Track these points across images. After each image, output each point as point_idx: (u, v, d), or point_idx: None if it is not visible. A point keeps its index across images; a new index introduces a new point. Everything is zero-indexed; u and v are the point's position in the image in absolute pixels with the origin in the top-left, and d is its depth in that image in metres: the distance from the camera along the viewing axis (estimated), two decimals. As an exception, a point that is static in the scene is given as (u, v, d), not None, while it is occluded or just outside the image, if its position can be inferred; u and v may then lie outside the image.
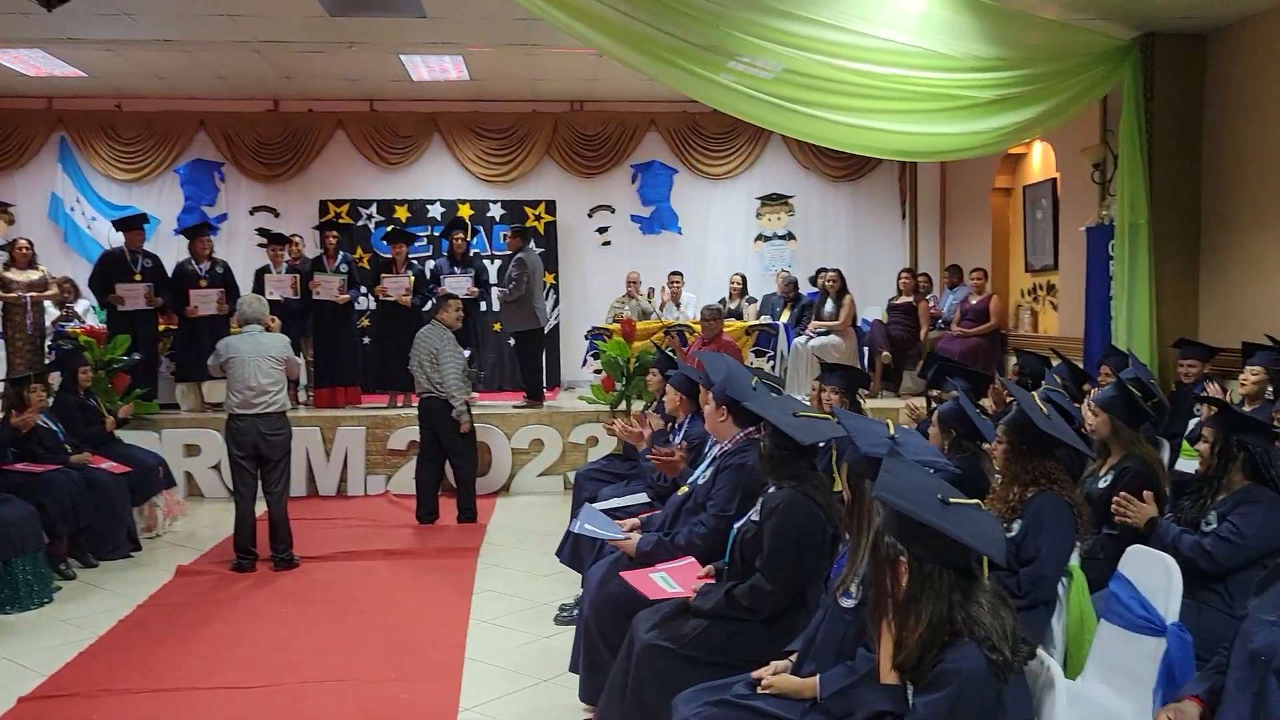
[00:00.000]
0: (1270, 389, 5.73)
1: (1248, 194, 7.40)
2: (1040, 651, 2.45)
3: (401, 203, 12.07)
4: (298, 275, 9.62)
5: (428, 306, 9.31)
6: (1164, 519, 3.92)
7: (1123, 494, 4.07)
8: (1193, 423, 5.88)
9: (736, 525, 3.68)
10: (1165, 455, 5.66)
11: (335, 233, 10.09)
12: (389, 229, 10.73)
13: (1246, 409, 5.39)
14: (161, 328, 9.55)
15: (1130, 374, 5.61)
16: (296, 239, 10.25)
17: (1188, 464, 5.31)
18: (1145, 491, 4.08)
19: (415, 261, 10.44)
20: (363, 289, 9.97)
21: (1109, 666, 3.34)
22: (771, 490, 3.52)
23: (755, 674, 3.02)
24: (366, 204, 12.03)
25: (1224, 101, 7.62)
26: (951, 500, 2.24)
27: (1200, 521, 3.86)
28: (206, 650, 5.12)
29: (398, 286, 9.57)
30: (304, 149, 12.10)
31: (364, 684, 4.63)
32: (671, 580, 3.70)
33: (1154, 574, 3.28)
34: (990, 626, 2.19)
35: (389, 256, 10.03)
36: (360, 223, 11.98)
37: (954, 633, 2.19)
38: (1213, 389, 6.29)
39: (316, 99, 11.93)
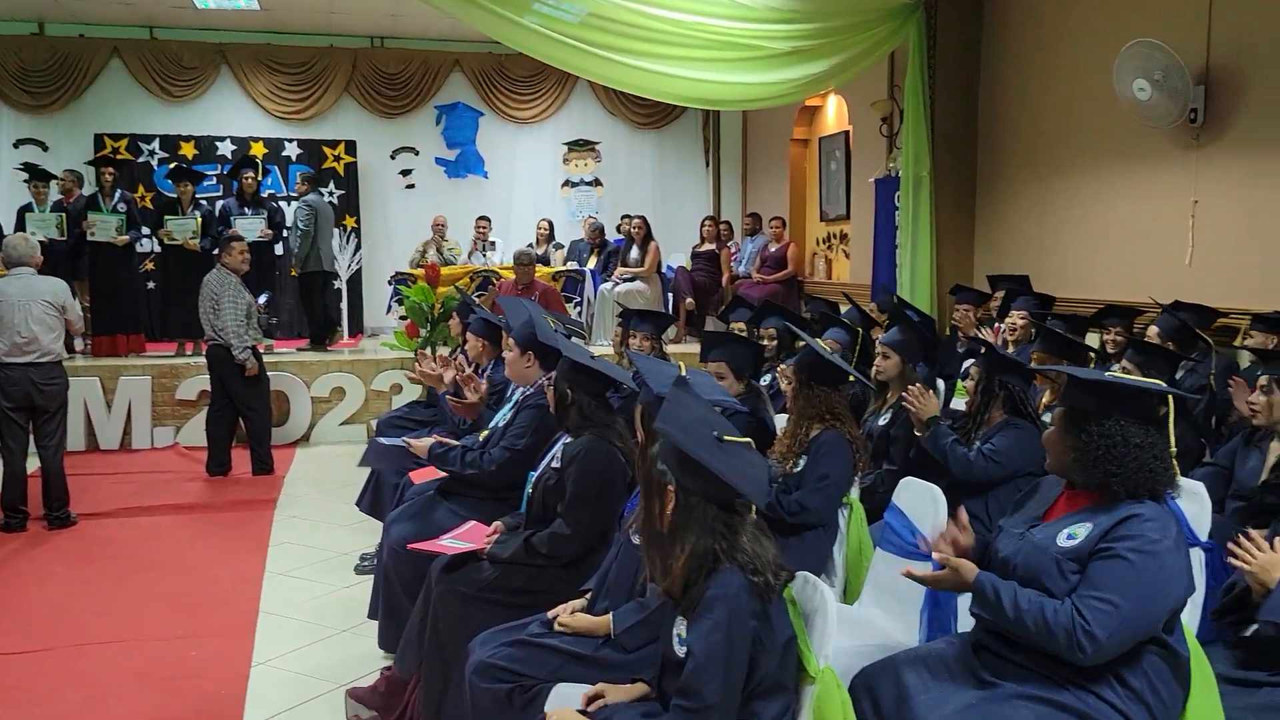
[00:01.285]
0: (1032, 331, 6.19)
1: (1018, 148, 7.93)
2: (815, 579, 2.60)
3: (187, 139, 11.38)
4: (64, 214, 8.94)
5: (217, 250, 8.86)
6: (943, 423, 4.19)
7: (916, 386, 4.30)
8: (967, 364, 6.30)
9: (535, 473, 3.71)
10: (940, 395, 6.06)
11: (112, 169, 9.40)
12: (172, 167, 10.09)
13: (1011, 351, 5.84)
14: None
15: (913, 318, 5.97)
16: (67, 175, 9.49)
17: (960, 403, 5.70)
18: (931, 391, 4.35)
19: (204, 202, 9.88)
20: (145, 230, 9.36)
21: (882, 591, 3.56)
22: (570, 440, 3.56)
23: (551, 613, 3.07)
24: (148, 139, 11.27)
25: (998, 59, 8.11)
26: (726, 438, 2.30)
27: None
28: (-31, 617, 4.77)
29: (183, 229, 9.03)
30: (75, 77, 11.18)
31: (148, 643, 4.43)
32: (461, 542, 3.69)
33: (923, 503, 3.50)
34: (751, 553, 2.28)
35: (174, 196, 9.45)
36: (141, 159, 11.24)
37: (716, 561, 2.28)
38: (985, 333, 6.75)
39: (88, 23, 11.03)
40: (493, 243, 11.23)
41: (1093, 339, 5.91)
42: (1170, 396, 2.59)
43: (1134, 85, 6.17)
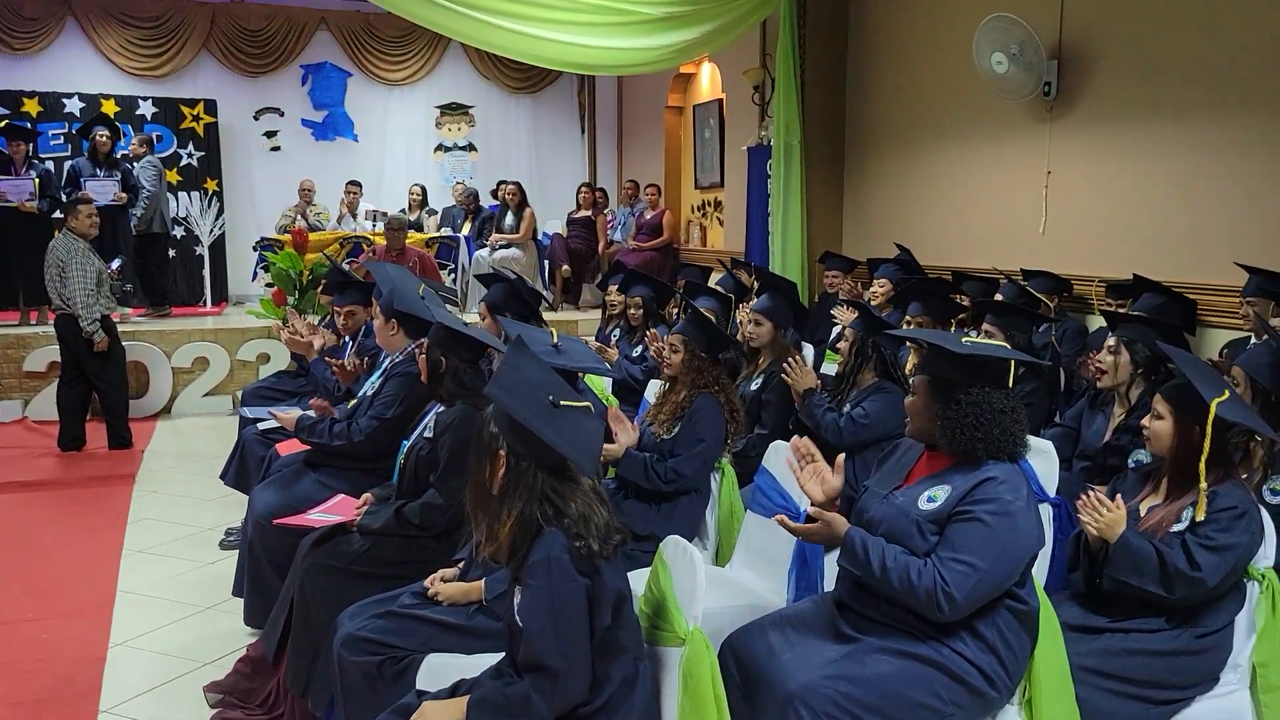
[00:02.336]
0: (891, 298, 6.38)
1: (884, 118, 8.12)
2: (685, 542, 2.63)
3: (31, 95, 10.68)
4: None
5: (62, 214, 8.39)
6: (819, 394, 4.30)
7: (793, 359, 4.40)
8: (836, 329, 6.46)
9: (407, 443, 3.65)
10: (810, 360, 6.20)
11: (-59, 126, 8.78)
12: (1, 123, 9.47)
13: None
14: None
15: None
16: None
17: (830, 368, 5.84)
18: (808, 367, 4.45)
19: (40, 160, 9.32)
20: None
21: (752, 552, 3.64)
22: (444, 409, 3.51)
23: (425, 582, 3.04)
24: (-14, 94, 10.56)
25: (865, 31, 8.27)
26: (563, 403, 2.24)
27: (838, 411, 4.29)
28: None
29: (19, 190, 8.50)
30: (-102, 26, 10.39)
31: (-5, 627, 4.22)
32: (330, 515, 3.62)
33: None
34: (578, 518, 2.25)
35: (8, 154, 8.88)
36: (-21, 116, 10.51)
37: (539, 527, 2.25)
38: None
39: (-84, -32, 10.27)
40: (384, 213, 10.89)
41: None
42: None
43: (992, 58, 6.38)
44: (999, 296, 5.73)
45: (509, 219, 10.32)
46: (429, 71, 12.37)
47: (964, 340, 2.71)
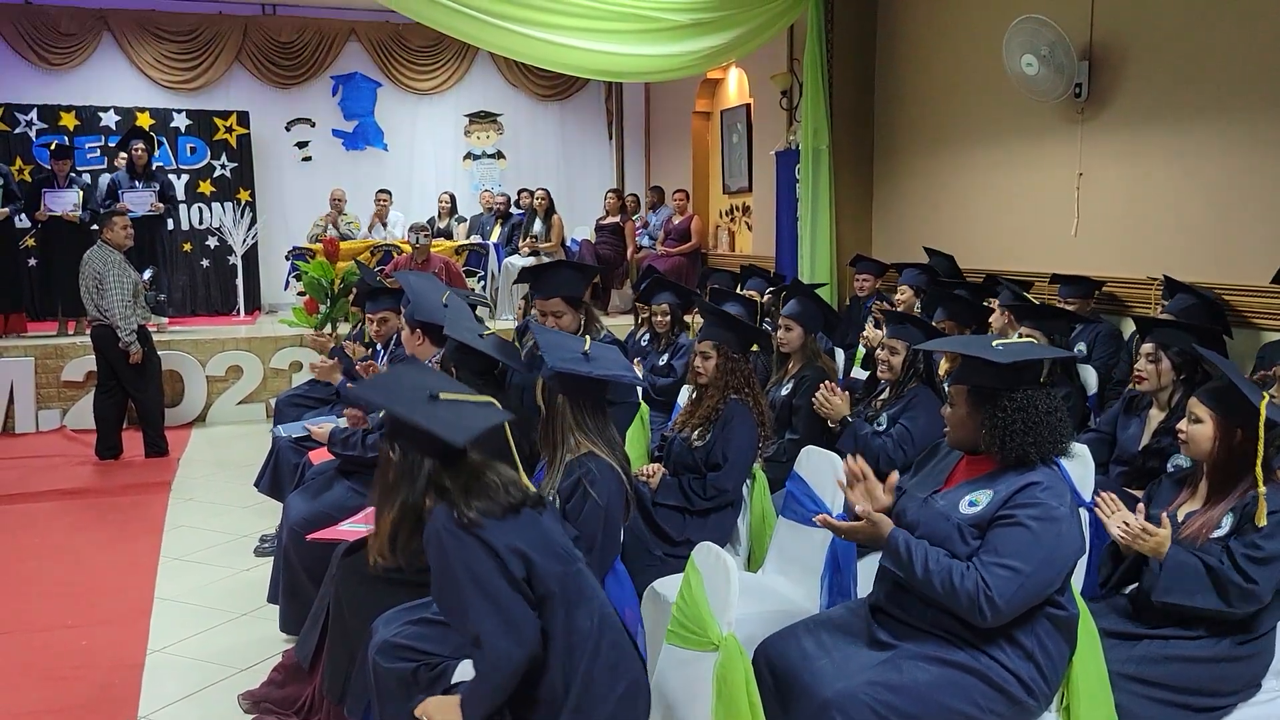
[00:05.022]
0: (917, 303, 6.35)
1: (913, 121, 8.08)
2: (718, 548, 2.63)
3: (68, 109, 10.86)
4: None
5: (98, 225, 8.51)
6: (857, 419, 4.26)
7: (826, 387, 4.30)
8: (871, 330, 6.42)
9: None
10: (840, 364, 6.18)
11: (-14, 141, 8.94)
12: (53, 145, 9.62)
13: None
14: None
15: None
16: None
17: (860, 373, 5.81)
18: (844, 391, 4.40)
19: (80, 174, 9.46)
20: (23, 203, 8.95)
21: (785, 558, 3.63)
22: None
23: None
24: (25, 109, 10.73)
25: (894, 34, 8.24)
26: (444, 396, 2.32)
27: (873, 422, 4.25)
28: None
29: (63, 202, 8.63)
30: (-58, 44, 10.60)
31: (35, 633, 4.26)
32: (362, 525, 3.64)
33: (823, 471, 3.57)
34: (461, 493, 2.28)
35: (52, 169, 9.02)
36: (19, 130, 10.69)
37: (420, 514, 2.31)
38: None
39: (-45, -13, 10.47)
40: (385, 218, 10.96)
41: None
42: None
43: (1022, 60, 6.33)
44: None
45: (537, 225, 10.37)
46: (458, 80, 12.45)
47: (996, 345, 2.69)
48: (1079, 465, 3.50)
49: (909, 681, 2.43)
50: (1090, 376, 5.12)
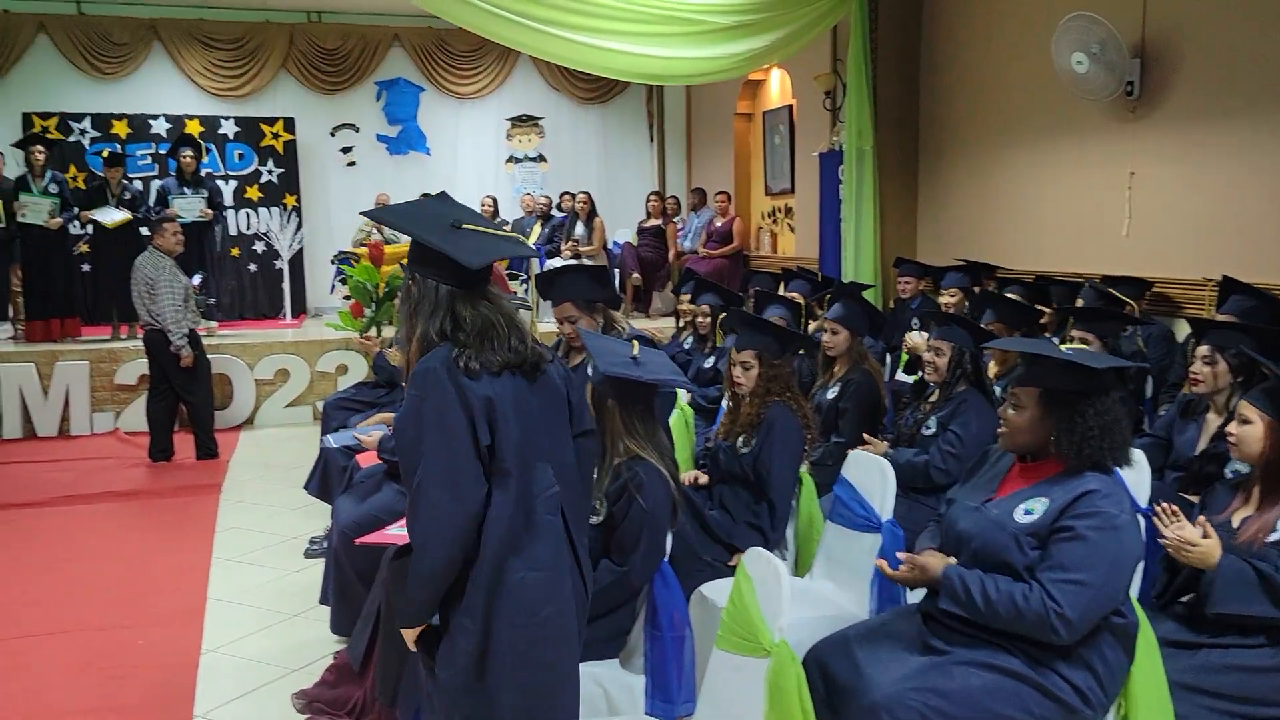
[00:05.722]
0: (966, 305, 6.28)
1: (959, 120, 8.01)
2: (768, 553, 2.62)
3: (120, 117, 11.06)
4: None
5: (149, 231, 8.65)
6: (896, 449, 4.19)
7: (870, 443, 4.24)
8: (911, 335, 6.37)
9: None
10: (887, 367, 6.14)
11: (42, 149, 9.08)
12: (105, 153, 9.80)
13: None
14: None
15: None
16: (-8, 156, 9.19)
17: (905, 377, 5.77)
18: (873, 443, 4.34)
19: (131, 181, 9.62)
20: (77, 211, 9.12)
21: (833, 563, 3.61)
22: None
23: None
24: (78, 118, 10.94)
25: (939, 33, 8.17)
26: (465, 225, 2.30)
27: (921, 426, 4.21)
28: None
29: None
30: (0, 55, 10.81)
31: (91, 633, 4.34)
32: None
33: (871, 476, 3.55)
34: (471, 333, 2.27)
35: (104, 177, 9.19)
36: (72, 139, 10.90)
37: (432, 342, 2.30)
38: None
39: (12, -1, 10.68)
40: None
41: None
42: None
43: (1072, 58, 6.25)
44: (1080, 301, 5.60)
45: (579, 229, 10.40)
46: (499, 84, 12.52)
47: (1063, 349, 2.65)
48: (1135, 471, 3.43)
49: (959, 686, 2.41)
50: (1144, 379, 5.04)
